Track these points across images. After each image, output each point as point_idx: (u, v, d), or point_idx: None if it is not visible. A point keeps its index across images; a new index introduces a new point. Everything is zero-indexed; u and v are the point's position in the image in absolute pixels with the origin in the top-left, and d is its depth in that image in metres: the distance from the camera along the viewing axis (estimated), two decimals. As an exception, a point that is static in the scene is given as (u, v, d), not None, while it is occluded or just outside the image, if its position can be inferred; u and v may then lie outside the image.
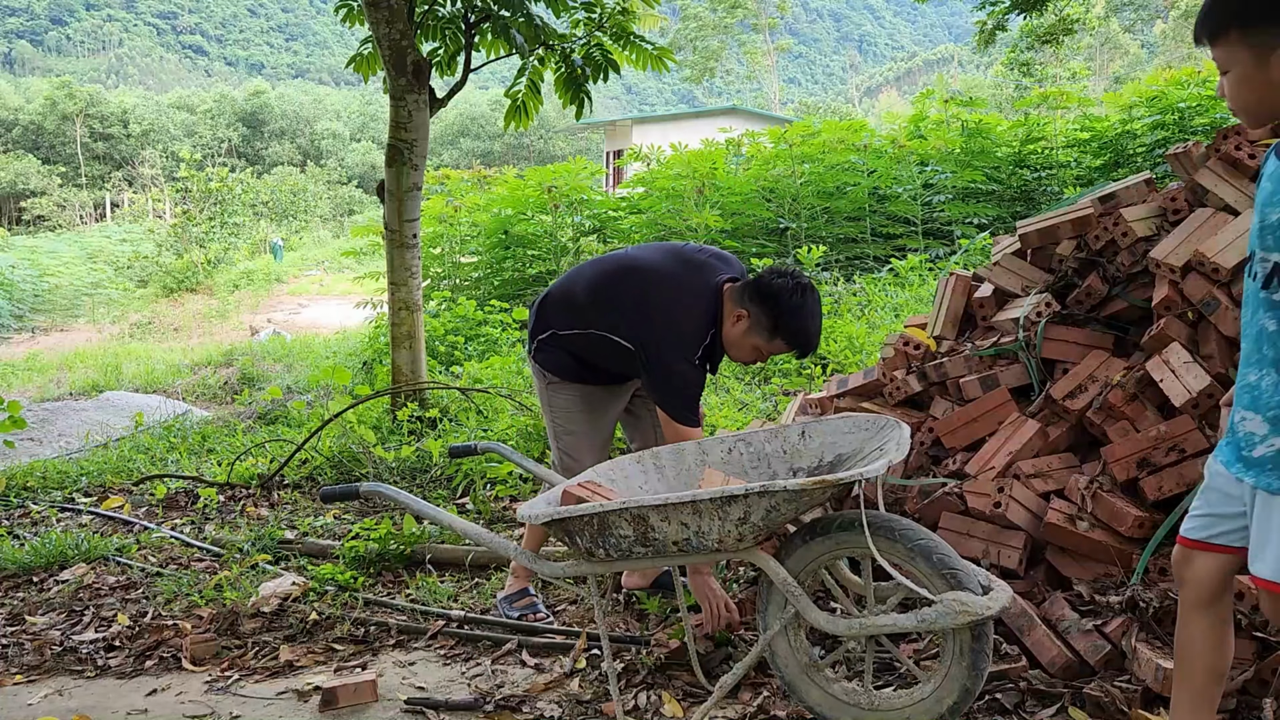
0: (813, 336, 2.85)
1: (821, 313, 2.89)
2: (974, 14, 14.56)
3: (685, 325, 2.85)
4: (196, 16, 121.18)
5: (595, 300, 3.01)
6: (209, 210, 25.31)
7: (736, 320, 2.85)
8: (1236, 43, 1.79)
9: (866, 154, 10.89)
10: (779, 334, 2.82)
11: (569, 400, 3.17)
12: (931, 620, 2.08)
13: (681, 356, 2.83)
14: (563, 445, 3.21)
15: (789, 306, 2.79)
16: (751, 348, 2.87)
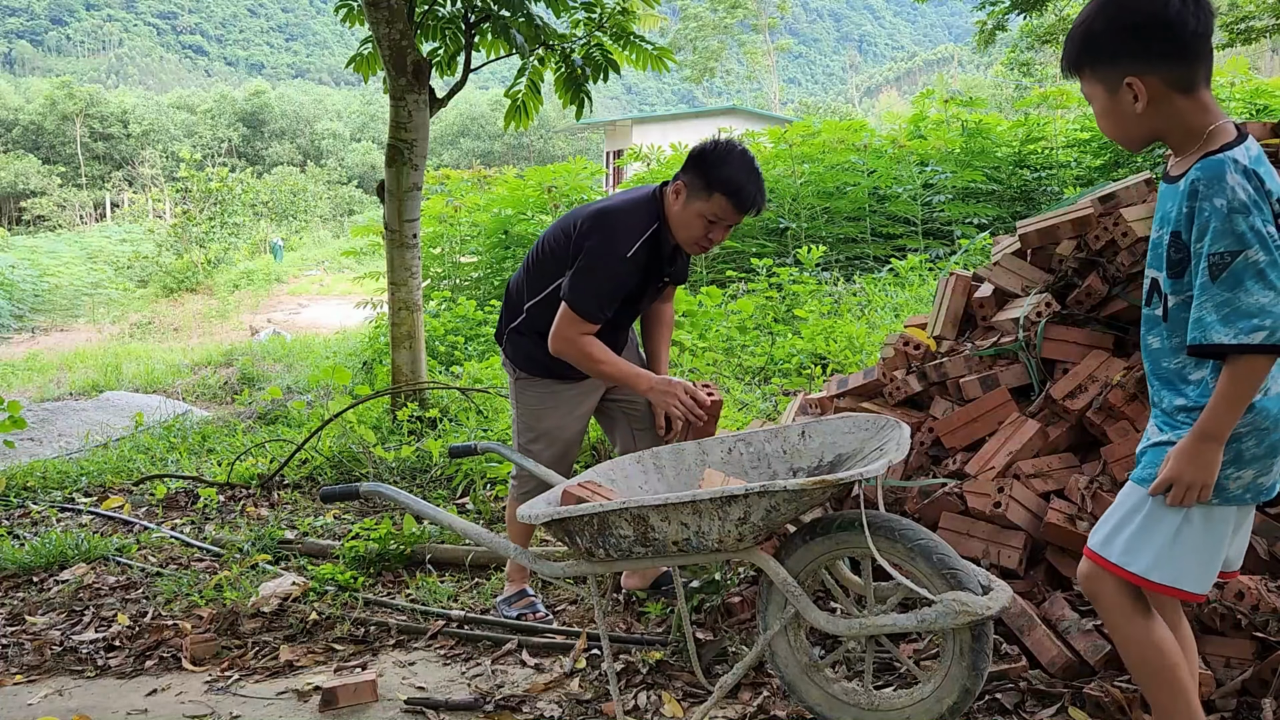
0: (746, 184, 2.80)
1: (755, 166, 2.85)
2: (974, 14, 14.57)
3: (619, 224, 2.88)
4: (196, 16, 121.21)
5: (547, 250, 3.04)
6: (209, 210, 25.32)
7: (675, 196, 2.88)
8: (1090, 78, 1.88)
9: (866, 154, 10.89)
10: (714, 188, 2.80)
11: (536, 397, 3.15)
12: (931, 620, 2.08)
13: (608, 248, 2.84)
14: (524, 442, 3.18)
15: (715, 157, 2.81)
16: (695, 216, 2.85)
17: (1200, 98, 1.81)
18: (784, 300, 8.13)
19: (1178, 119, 1.82)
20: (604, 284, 2.86)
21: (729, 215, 2.83)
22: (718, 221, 2.85)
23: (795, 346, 6.62)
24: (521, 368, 3.15)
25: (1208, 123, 1.81)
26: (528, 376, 3.16)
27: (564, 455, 3.19)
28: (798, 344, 6.64)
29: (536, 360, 3.10)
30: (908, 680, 2.60)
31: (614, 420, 3.28)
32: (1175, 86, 1.80)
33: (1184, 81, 1.79)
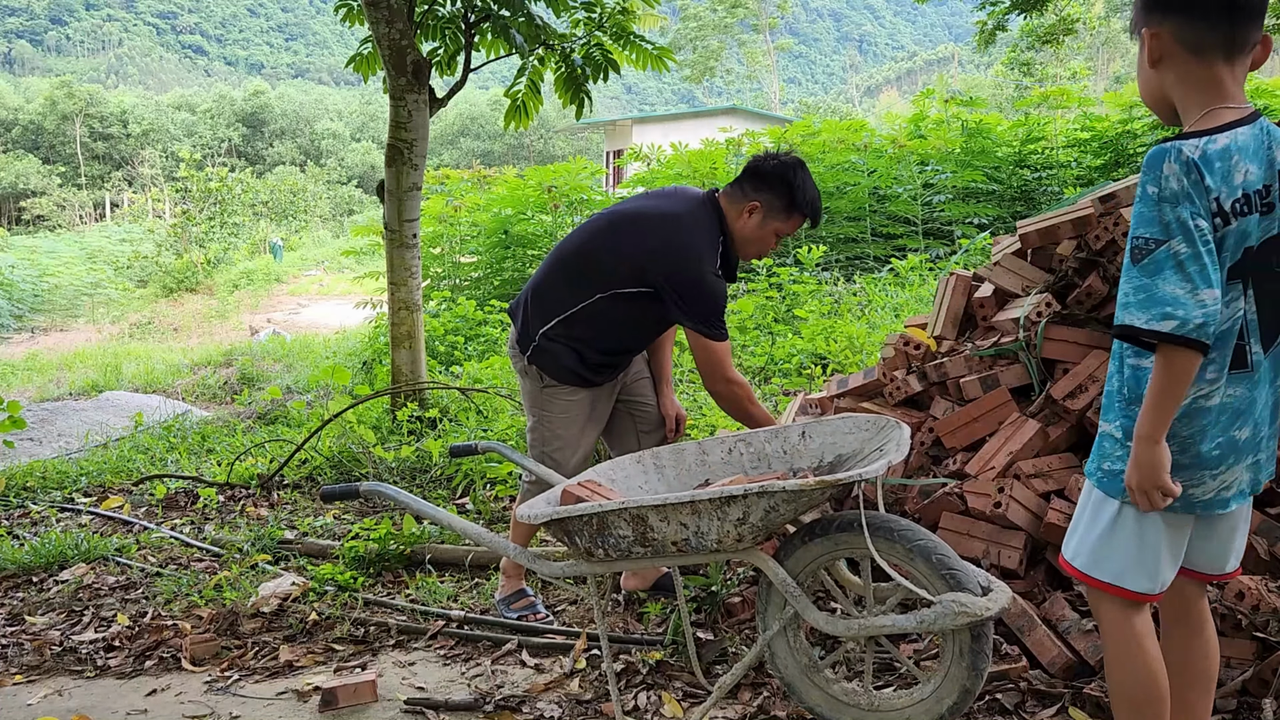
0: (819, 201, 3.01)
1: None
2: (974, 14, 14.55)
3: (697, 241, 2.88)
4: (196, 16, 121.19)
5: (594, 261, 2.95)
6: (209, 210, 25.31)
7: (749, 214, 2.93)
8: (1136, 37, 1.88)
9: (866, 154, 10.89)
10: (795, 209, 2.94)
11: (567, 405, 3.08)
12: (931, 621, 2.08)
13: (710, 270, 2.87)
14: (550, 449, 3.11)
15: (798, 180, 2.93)
16: (771, 234, 2.98)
17: (1213, 67, 1.74)
18: (784, 300, 8.13)
19: (1182, 85, 1.77)
20: (721, 302, 2.89)
21: (798, 230, 3.02)
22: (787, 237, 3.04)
23: (795, 346, 6.62)
24: (552, 375, 3.05)
25: (1209, 100, 1.75)
26: (557, 384, 3.06)
27: (585, 460, 3.17)
28: (798, 344, 6.64)
29: (568, 369, 3.02)
30: (908, 681, 2.60)
31: (622, 422, 3.27)
32: (1186, 45, 1.75)
33: (1195, 42, 1.74)
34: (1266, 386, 1.83)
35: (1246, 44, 1.74)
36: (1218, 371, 1.79)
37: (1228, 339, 1.79)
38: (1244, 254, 1.75)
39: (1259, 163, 1.73)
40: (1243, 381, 1.80)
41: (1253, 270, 1.76)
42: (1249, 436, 1.82)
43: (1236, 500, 1.85)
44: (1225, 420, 1.80)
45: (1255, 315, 1.78)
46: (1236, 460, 1.82)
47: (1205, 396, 1.79)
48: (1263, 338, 1.80)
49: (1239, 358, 1.79)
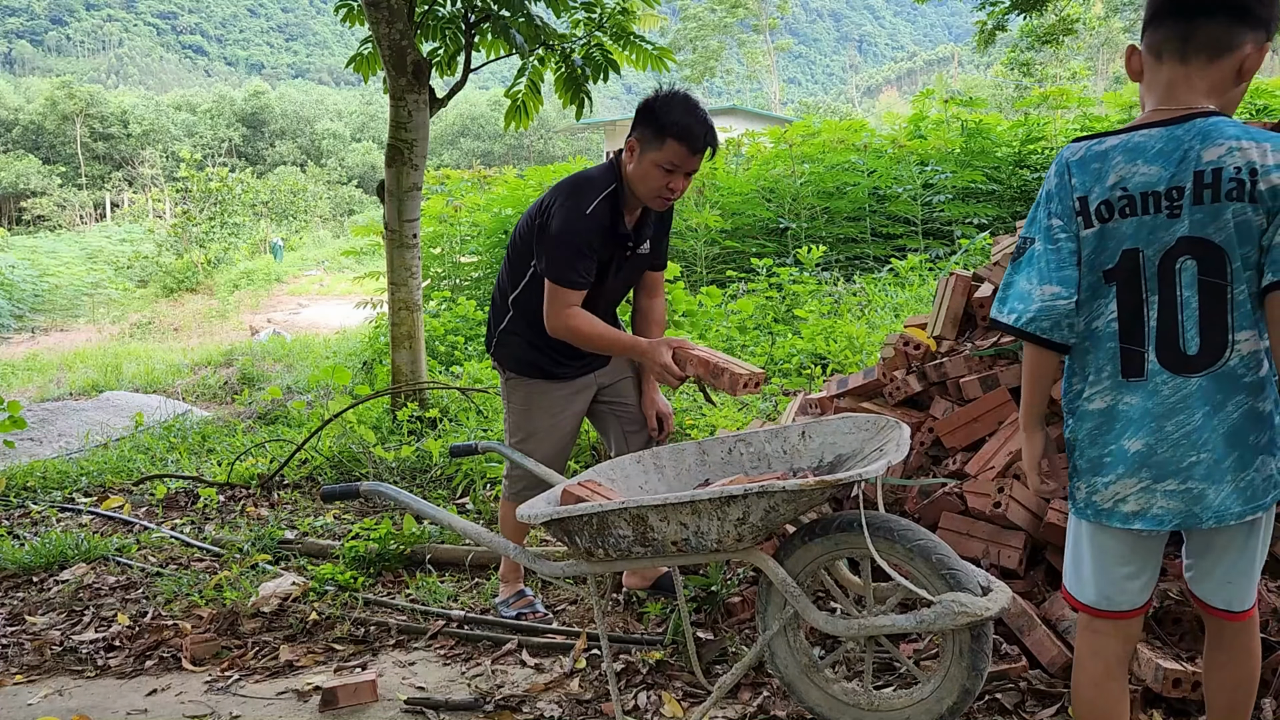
0: (694, 124, 2.77)
1: (702, 111, 2.81)
2: (974, 14, 14.56)
3: (575, 189, 2.89)
4: (196, 16, 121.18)
5: (519, 238, 3.05)
6: (209, 210, 25.30)
7: (630, 154, 2.87)
8: None
9: (866, 154, 10.89)
10: (665, 134, 2.77)
11: (525, 397, 3.15)
12: (930, 621, 2.08)
13: (569, 206, 2.85)
14: (514, 442, 3.18)
15: (661, 105, 2.79)
16: (651, 167, 2.81)
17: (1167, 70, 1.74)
18: (784, 300, 8.13)
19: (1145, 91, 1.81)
20: (572, 245, 2.84)
21: (684, 160, 2.79)
22: (675, 169, 2.81)
23: (795, 346, 6.62)
24: (511, 369, 3.15)
25: (1155, 103, 1.76)
26: (517, 377, 3.15)
27: (556, 455, 3.18)
28: (798, 344, 6.64)
29: (525, 361, 3.10)
30: (907, 680, 2.60)
31: (606, 422, 3.27)
32: (1150, 51, 1.78)
33: (1156, 45, 1.77)
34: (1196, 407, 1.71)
35: (1204, 44, 1.70)
36: (1097, 374, 1.79)
37: (1098, 342, 1.78)
38: (1121, 257, 1.73)
39: (1164, 163, 1.68)
40: (1137, 390, 1.74)
41: (1151, 275, 1.72)
42: (1144, 450, 1.73)
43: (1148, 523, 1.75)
44: (1117, 428, 1.77)
45: (1155, 322, 1.72)
46: (1129, 473, 1.75)
47: (1087, 399, 1.81)
48: (1160, 348, 1.72)
49: (1132, 364, 1.74)
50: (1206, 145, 1.66)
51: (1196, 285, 1.69)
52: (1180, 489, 1.73)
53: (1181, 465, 1.72)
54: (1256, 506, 1.73)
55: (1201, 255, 1.68)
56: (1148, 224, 1.70)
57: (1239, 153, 1.64)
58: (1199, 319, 1.70)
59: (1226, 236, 1.66)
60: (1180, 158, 1.68)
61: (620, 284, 3.13)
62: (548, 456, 3.14)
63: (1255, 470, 1.72)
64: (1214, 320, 1.69)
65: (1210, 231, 1.67)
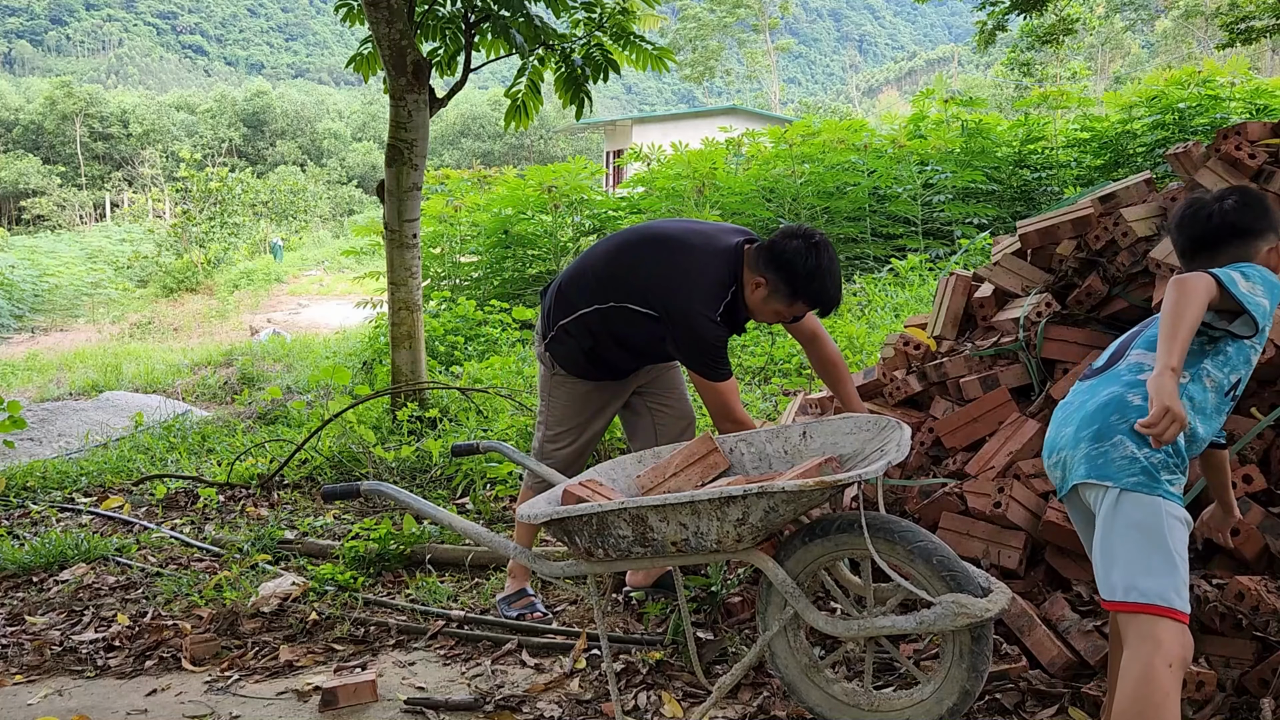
0: (832, 295, 2.85)
1: (838, 268, 2.87)
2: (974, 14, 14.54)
3: (704, 283, 2.87)
4: (196, 16, 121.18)
5: (615, 270, 3.00)
6: (209, 210, 25.30)
7: (756, 287, 2.87)
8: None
9: (866, 154, 10.89)
10: (799, 297, 2.83)
11: (570, 395, 3.18)
12: (931, 622, 2.08)
13: (702, 313, 2.84)
14: (549, 435, 3.23)
15: (805, 271, 2.78)
16: (774, 312, 2.90)
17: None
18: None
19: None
20: (715, 346, 2.88)
21: (805, 312, 2.92)
22: (794, 317, 2.94)
23: (795, 346, 6.61)
24: (562, 365, 3.16)
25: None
26: (565, 374, 3.17)
27: (583, 452, 3.24)
28: (798, 344, 6.64)
29: (577, 363, 3.11)
30: (908, 681, 2.60)
31: (639, 415, 3.30)
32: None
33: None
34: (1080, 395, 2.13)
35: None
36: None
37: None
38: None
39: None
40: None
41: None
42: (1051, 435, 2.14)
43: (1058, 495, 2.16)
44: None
45: None
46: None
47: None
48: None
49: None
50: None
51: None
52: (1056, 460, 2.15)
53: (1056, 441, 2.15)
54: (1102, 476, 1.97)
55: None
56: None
57: None
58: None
59: None
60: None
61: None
62: (577, 450, 3.21)
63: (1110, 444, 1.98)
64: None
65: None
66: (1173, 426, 1.83)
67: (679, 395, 3.29)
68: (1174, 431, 1.83)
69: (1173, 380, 1.86)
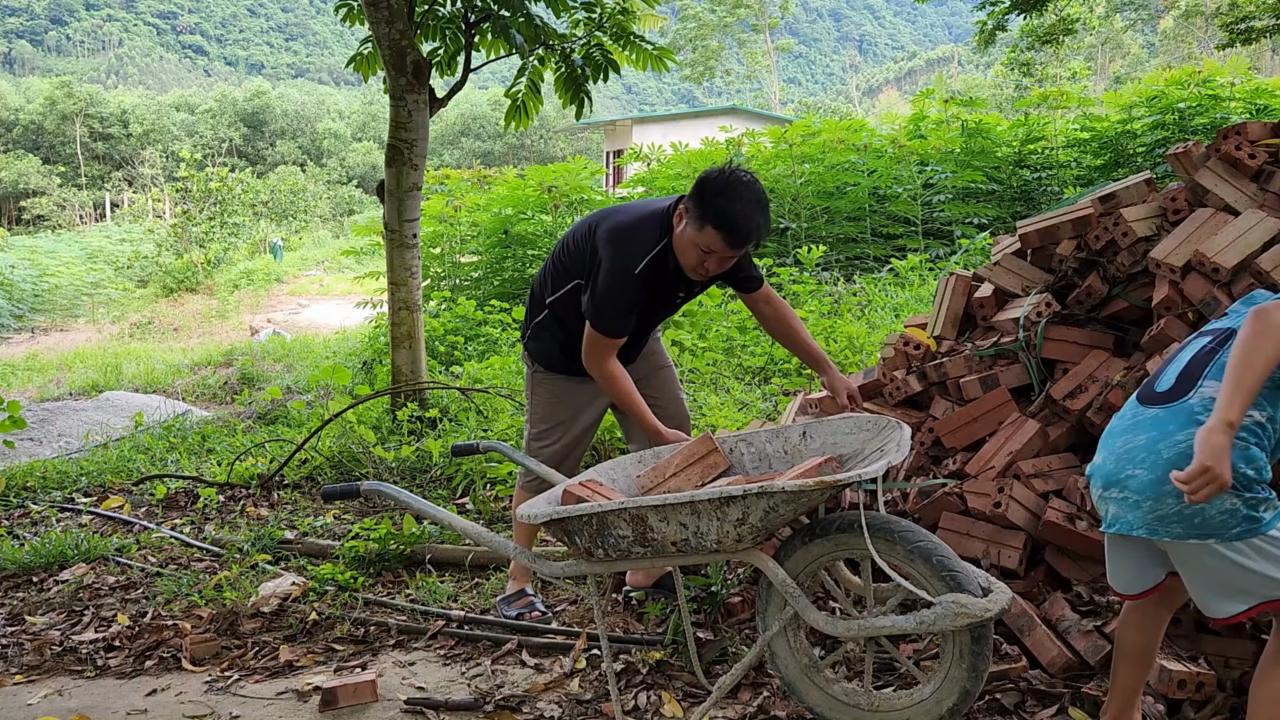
0: (739, 217, 2.67)
1: (758, 200, 2.71)
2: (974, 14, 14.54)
3: (631, 235, 2.85)
4: (196, 16, 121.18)
5: (569, 252, 3.04)
6: (209, 210, 25.29)
7: (678, 220, 2.82)
8: None
9: (866, 154, 10.89)
10: (706, 220, 2.69)
11: (550, 392, 3.20)
12: (930, 622, 2.08)
13: (619, 266, 2.81)
14: (534, 433, 3.24)
15: (713, 187, 2.70)
16: (689, 244, 2.76)
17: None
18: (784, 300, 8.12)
19: None
20: (618, 302, 2.84)
21: (720, 249, 2.73)
22: (710, 253, 2.76)
23: (795, 346, 6.60)
24: (540, 362, 3.20)
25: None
26: (545, 371, 3.20)
27: (572, 450, 3.23)
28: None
29: (555, 357, 3.14)
30: (907, 681, 2.60)
31: (627, 418, 3.29)
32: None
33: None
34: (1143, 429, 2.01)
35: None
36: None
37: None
38: None
39: None
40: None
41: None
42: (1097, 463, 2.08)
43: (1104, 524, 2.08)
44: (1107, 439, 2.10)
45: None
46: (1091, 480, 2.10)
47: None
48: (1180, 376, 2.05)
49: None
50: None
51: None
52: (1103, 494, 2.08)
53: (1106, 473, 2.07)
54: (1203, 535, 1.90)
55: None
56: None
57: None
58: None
59: None
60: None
61: (666, 314, 3.18)
62: (564, 448, 3.20)
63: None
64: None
65: None
66: (1208, 489, 1.74)
67: (671, 396, 3.28)
68: (1208, 493, 1.75)
69: (1225, 438, 1.75)
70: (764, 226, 2.75)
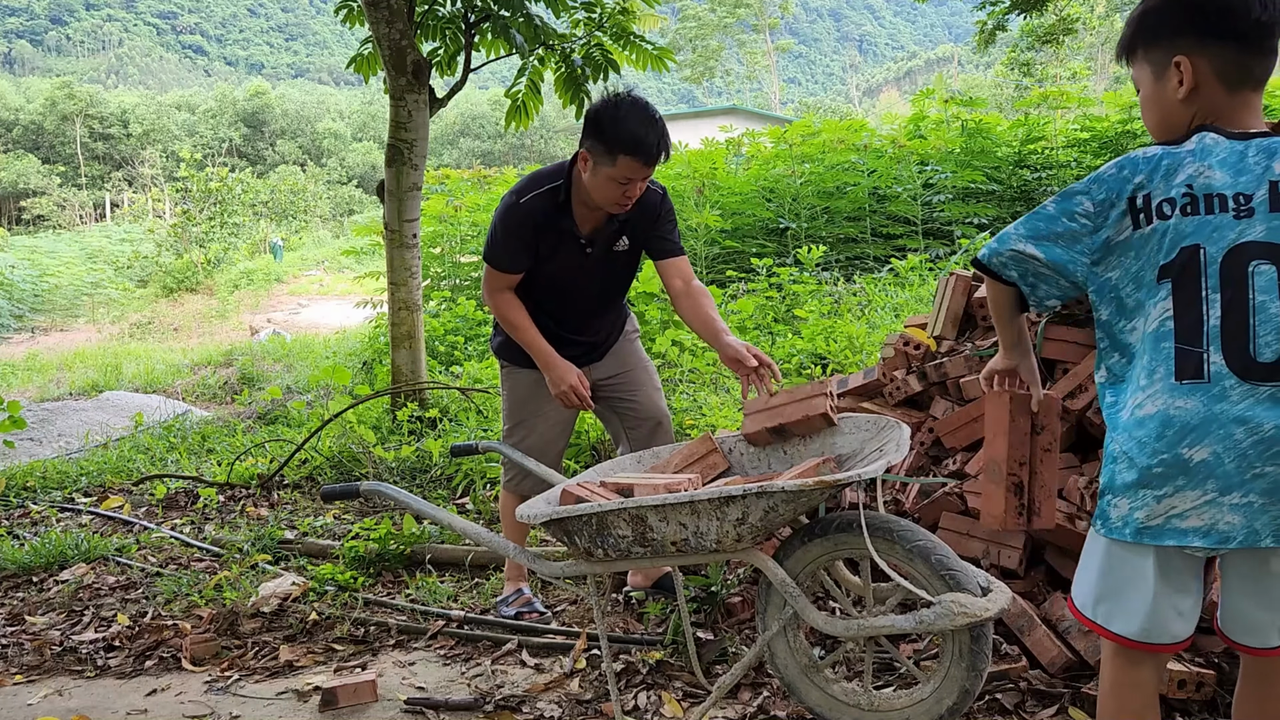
0: (645, 136, 2.72)
1: (650, 114, 2.76)
2: (974, 14, 14.56)
3: (523, 183, 2.96)
4: (196, 16, 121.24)
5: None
6: (209, 210, 25.30)
7: (583, 164, 2.84)
8: (1140, 61, 1.80)
9: (866, 154, 10.89)
10: (616, 150, 2.73)
11: (515, 385, 3.21)
12: (930, 622, 2.08)
13: (507, 200, 2.90)
14: (505, 430, 3.25)
15: (609, 117, 2.74)
16: (606, 180, 2.79)
17: (1245, 97, 1.70)
18: (784, 300, 8.13)
19: (1216, 115, 1.71)
20: (503, 232, 2.91)
21: (637, 172, 2.77)
22: (629, 181, 2.79)
23: (795, 346, 6.62)
24: (506, 357, 3.23)
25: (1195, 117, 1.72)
26: (510, 365, 3.23)
27: (546, 445, 3.20)
28: (798, 344, 6.64)
29: (516, 349, 3.14)
30: (907, 681, 2.60)
31: (608, 418, 3.30)
32: (1222, 77, 1.69)
33: (1235, 74, 1.69)
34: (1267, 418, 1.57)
35: (1265, 76, 1.71)
36: (1149, 378, 1.66)
37: (1149, 345, 1.67)
38: (1179, 253, 1.65)
39: (1233, 171, 1.64)
40: (1196, 393, 1.61)
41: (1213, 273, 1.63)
42: (1210, 459, 1.59)
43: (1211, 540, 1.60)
44: (1170, 435, 1.62)
45: (1219, 323, 1.61)
46: (1190, 484, 1.60)
47: (1139, 405, 1.68)
48: (1226, 349, 1.60)
49: (1188, 366, 1.62)
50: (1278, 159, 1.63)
51: (1276, 290, 1.60)
52: (1243, 502, 1.58)
53: (1245, 477, 1.58)
54: None
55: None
56: (1211, 222, 1.63)
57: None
58: (1277, 326, 1.59)
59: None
60: (1249, 169, 1.63)
61: (596, 282, 3.12)
62: (537, 445, 3.18)
63: None
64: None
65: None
66: None
67: (645, 395, 3.24)
68: None
69: None
70: (665, 134, 2.81)
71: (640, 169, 2.76)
